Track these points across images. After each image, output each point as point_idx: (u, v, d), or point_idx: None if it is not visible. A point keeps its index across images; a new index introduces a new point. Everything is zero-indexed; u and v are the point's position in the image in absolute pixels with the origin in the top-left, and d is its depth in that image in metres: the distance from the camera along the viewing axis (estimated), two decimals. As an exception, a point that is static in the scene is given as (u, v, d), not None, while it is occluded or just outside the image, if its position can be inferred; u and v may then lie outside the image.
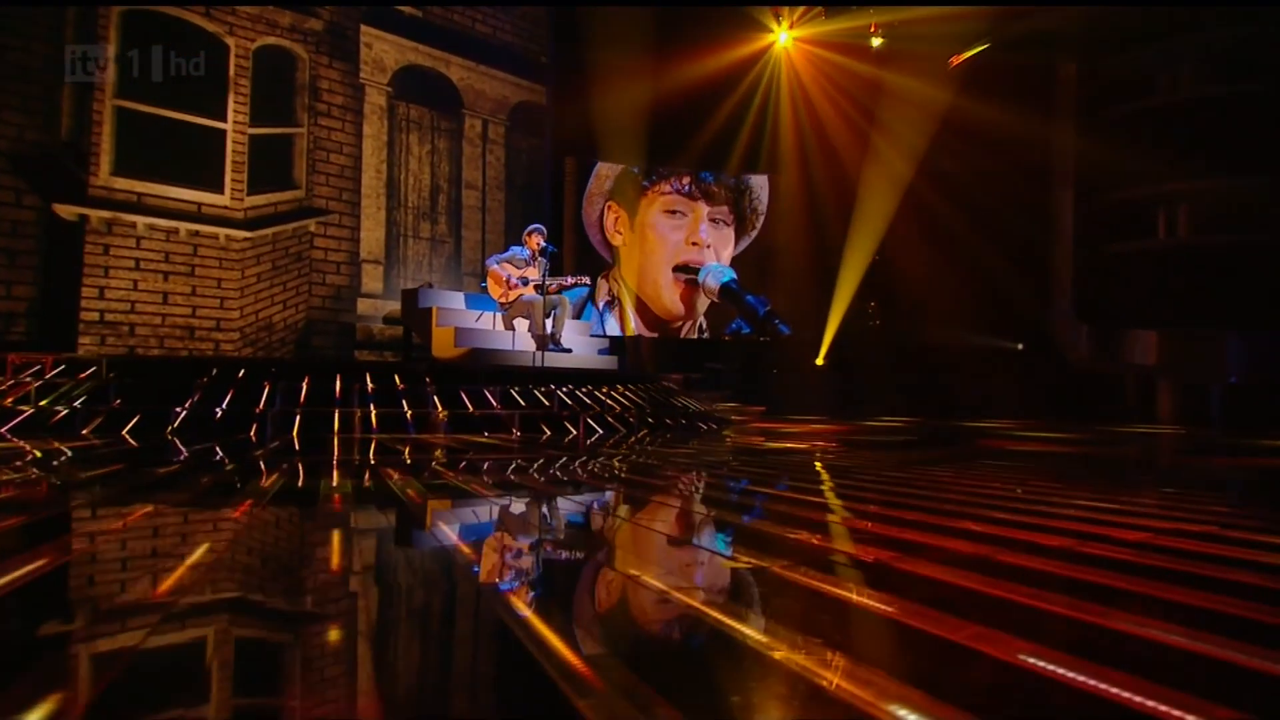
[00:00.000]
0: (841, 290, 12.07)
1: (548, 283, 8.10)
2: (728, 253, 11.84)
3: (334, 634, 1.18)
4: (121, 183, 7.23)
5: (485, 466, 3.54)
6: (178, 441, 4.40)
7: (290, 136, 8.40)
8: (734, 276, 11.67)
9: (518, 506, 2.51)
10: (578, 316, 11.24)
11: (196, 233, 7.68)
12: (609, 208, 11.31)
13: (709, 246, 11.61)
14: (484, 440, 5.00)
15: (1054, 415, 9.59)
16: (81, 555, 1.66)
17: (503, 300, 8.23)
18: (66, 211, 6.96)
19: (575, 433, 5.79)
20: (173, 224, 7.53)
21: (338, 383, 5.68)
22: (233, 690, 0.99)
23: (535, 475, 3.27)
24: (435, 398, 5.75)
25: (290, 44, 8.35)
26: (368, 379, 5.82)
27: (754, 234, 12.04)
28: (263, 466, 3.34)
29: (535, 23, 10.59)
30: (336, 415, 5.33)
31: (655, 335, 11.49)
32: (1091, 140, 10.15)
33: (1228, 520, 2.24)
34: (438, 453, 4.18)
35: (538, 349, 8.00)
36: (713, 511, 2.48)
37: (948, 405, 10.31)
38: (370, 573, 1.58)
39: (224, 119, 7.86)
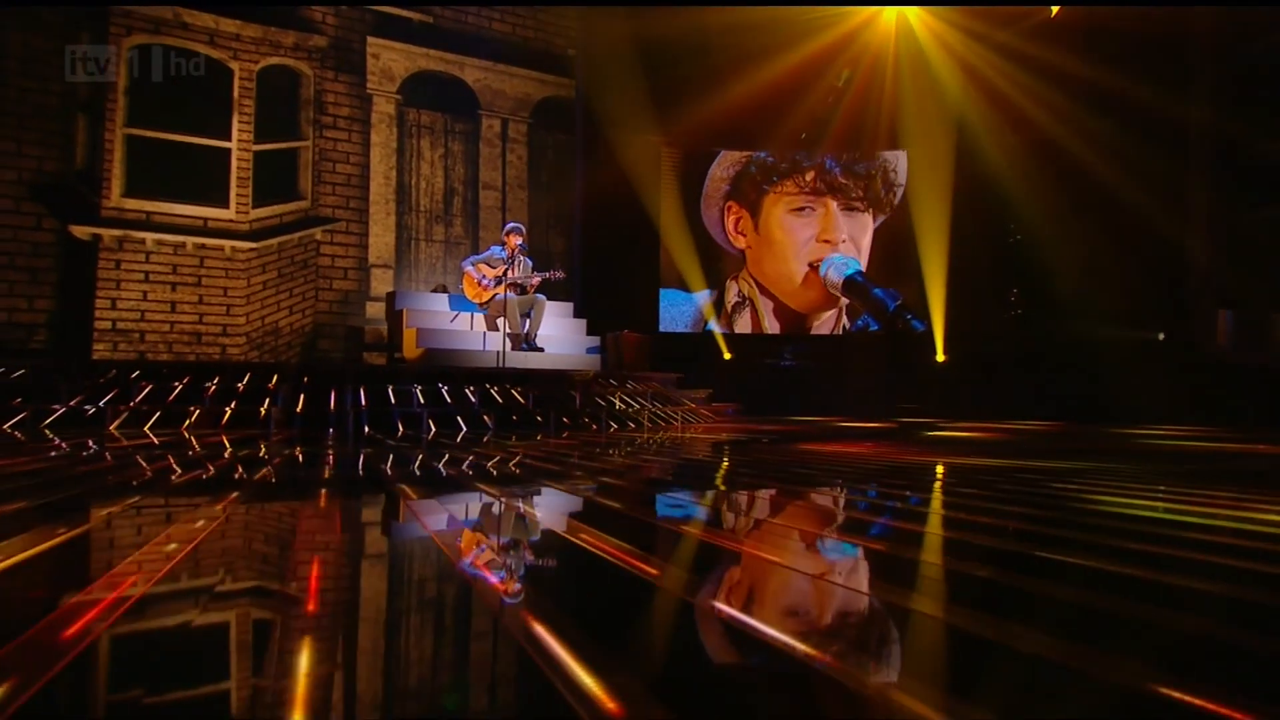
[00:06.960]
0: (940, 275, 10.28)
1: (518, 279, 7.79)
2: (866, 239, 10.62)
3: None
4: (132, 203, 7.93)
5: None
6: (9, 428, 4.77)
7: (295, 150, 8.77)
8: (859, 268, 10.41)
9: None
10: (708, 319, 10.57)
11: (203, 246, 8.23)
12: (728, 209, 10.61)
13: (845, 240, 10.48)
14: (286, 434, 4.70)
15: (1195, 416, 7.46)
16: None
17: (478, 302, 8.00)
18: (82, 232, 7.75)
19: (434, 430, 5.36)
20: (180, 239, 8.13)
21: (183, 382, 5.66)
22: None
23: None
24: (301, 396, 5.59)
25: (294, 63, 8.74)
26: (218, 379, 5.77)
27: (887, 213, 10.64)
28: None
29: (559, 14, 10.21)
30: (157, 412, 5.33)
31: (780, 333, 10.56)
32: (1232, 81, 7.81)
33: None
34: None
35: (512, 348, 7.70)
36: None
37: (1086, 406, 8.47)
38: None
39: (228, 138, 8.37)
